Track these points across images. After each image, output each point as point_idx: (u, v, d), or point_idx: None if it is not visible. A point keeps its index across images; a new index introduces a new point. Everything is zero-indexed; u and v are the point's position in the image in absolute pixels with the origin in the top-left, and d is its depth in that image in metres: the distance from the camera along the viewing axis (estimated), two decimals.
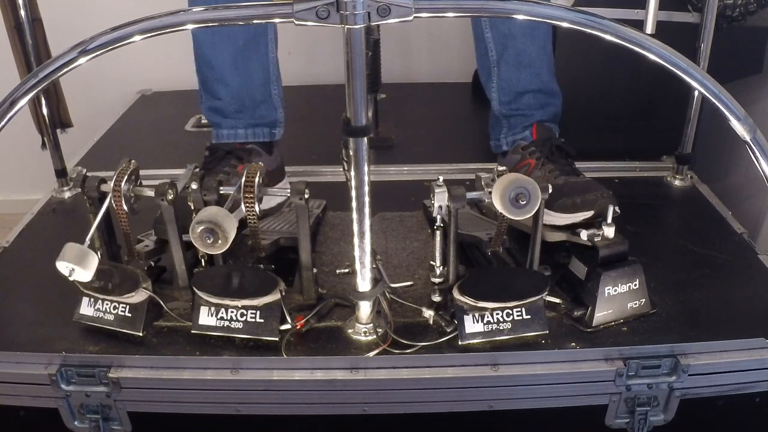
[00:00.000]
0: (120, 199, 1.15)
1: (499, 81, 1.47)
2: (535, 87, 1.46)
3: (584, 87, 1.70)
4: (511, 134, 1.49)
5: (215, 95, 1.45)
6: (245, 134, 1.45)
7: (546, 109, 1.48)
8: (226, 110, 1.45)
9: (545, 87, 1.47)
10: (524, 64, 1.44)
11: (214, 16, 0.92)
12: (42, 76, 0.92)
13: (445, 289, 1.16)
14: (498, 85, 1.47)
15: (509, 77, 1.45)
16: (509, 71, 1.45)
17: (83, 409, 1.11)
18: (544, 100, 1.47)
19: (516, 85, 1.46)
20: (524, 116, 1.47)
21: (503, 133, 1.50)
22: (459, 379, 1.07)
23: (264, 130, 1.47)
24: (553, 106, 1.49)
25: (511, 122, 1.48)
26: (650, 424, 1.12)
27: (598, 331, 1.14)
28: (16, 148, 1.90)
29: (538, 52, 1.44)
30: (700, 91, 0.94)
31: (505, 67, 1.45)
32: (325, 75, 2.16)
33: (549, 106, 1.48)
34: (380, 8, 0.87)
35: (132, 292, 1.14)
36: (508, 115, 1.48)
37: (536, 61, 1.44)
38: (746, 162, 1.02)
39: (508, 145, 1.49)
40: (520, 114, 1.47)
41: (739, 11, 1.63)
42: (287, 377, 1.07)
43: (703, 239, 1.39)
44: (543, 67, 1.46)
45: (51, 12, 1.56)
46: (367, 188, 1.02)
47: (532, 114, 1.46)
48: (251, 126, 1.46)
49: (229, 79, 1.43)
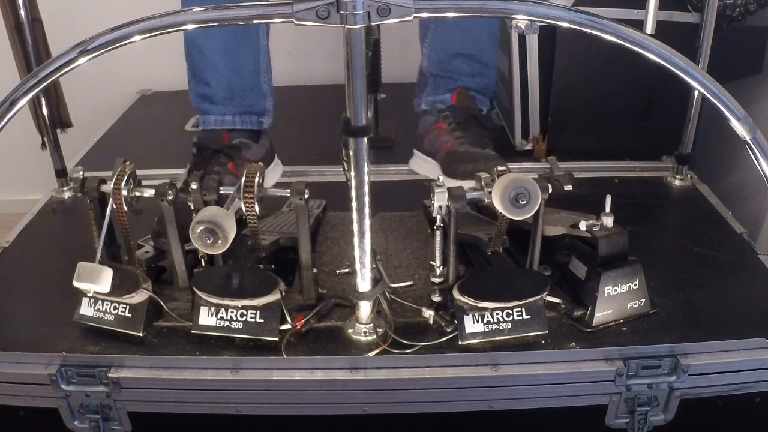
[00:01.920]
0: (120, 201, 1.15)
1: (432, 38, 1.43)
2: (468, 51, 1.41)
3: (584, 87, 1.70)
4: (432, 94, 1.45)
5: (204, 81, 1.44)
6: (233, 121, 1.44)
7: (476, 78, 1.43)
8: (214, 96, 1.44)
9: (480, 55, 1.42)
10: (462, 26, 1.39)
11: (214, 16, 0.92)
12: (42, 76, 0.92)
13: (445, 289, 1.16)
14: (431, 42, 1.43)
15: (444, 36, 1.41)
16: (445, 30, 1.41)
17: (83, 409, 1.11)
18: (477, 69, 1.43)
19: (449, 46, 1.41)
20: (451, 79, 1.43)
21: (426, 92, 1.46)
22: (459, 379, 1.07)
23: (252, 118, 1.46)
24: (485, 78, 1.45)
25: (437, 82, 1.44)
26: (650, 424, 1.12)
27: (598, 331, 1.14)
28: (16, 148, 1.90)
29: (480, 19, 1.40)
30: (700, 91, 0.94)
31: (443, 25, 1.41)
32: (325, 75, 2.16)
33: (480, 76, 1.44)
34: (380, 8, 0.87)
35: (132, 293, 1.14)
36: (435, 74, 1.44)
37: (476, 27, 1.40)
38: (746, 162, 1.02)
39: (427, 104, 1.45)
40: (447, 76, 1.43)
41: (739, 11, 1.63)
42: (287, 377, 1.07)
43: (703, 239, 1.39)
44: (482, 35, 1.42)
45: (51, 12, 1.56)
46: (367, 188, 1.02)
47: (460, 79, 1.42)
48: (239, 113, 1.45)
49: (219, 66, 1.42)
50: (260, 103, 1.47)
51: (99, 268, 1.11)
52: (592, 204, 1.21)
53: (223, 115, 1.44)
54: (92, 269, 1.11)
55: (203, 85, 1.45)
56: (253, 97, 1.46)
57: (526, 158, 1.76)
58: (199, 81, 1.45)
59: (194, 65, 1.45)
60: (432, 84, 1.45)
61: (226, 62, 1.42)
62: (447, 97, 1.42)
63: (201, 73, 1.44)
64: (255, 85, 1.46)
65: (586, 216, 1.19)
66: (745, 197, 1.78)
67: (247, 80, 1.45)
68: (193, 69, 1.45)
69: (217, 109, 1.44)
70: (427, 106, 1.45)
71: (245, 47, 1.43)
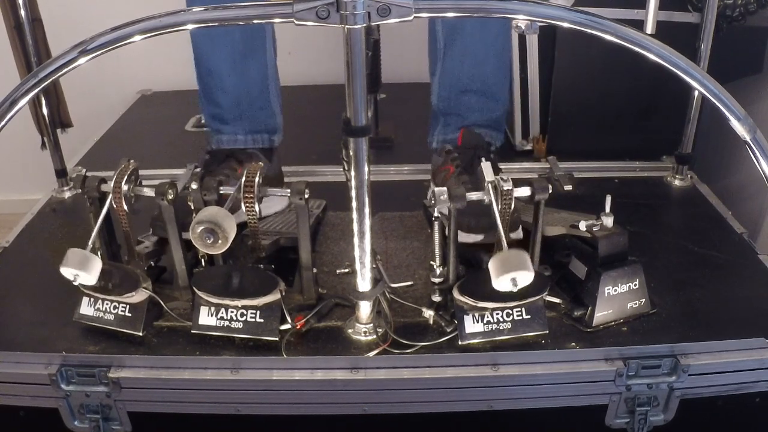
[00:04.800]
0: (120, 200, 1.15)
1: (441, 74, 1.43)
2: (476, 87, 1.41)
3: (584, 87, 1.70)
4: (443, 133, 1.45)
5: (215, 102, 1.45)
6: (245, 140, 1.46)
7: (484, 113, 1.43)
8: (226, 117, 1.45)
9: (488, 90, 1.42)
10: (469, 61, 1.39)
11: (214, 16, 0.92)
12: (42, 76, 0.92)
13: (445, 289, 1.16)
14: (440, 79, 1.43)
15: (452, 73, 1.41)
16: (453, 66, 1.40)
17: (83, 409, 1.11)
18: (485, 104, 1.42)
19: (457, 83, 1.41)
20: (460, 116, 1.43)
21: (437, 130, 1.47)
22: (459, 379, 1.07)
23: (263, 136, 1.47)
24: (494, 112, 1.44)
25: (447, 120, 1.45)
26: (650, 424, 1.12)
27: (598, 331, 1.14)
28: (16, 148, 1.90)
29: (487, 52, 1.39)
30: (700, 91, 0.94)
31: (450, 61, 1.40)
32: (325, 75, 2.16)
33: (489, 111, 1.43)
34: (380, 8, 0.87)
35: (132, 292, 1.14)
36: (445, 113, 1.44)
37: (483, 62, 1.39)
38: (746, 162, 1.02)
39: (438, 143, 1.46)
40: (456, 113, 1.43)
41: (739, 11, 1.63)
42: (287, 377, 1.07)
43: (703, 239, 1.39)
44: (492, 68, 1.41)
45: (51, 12, 1.56)
46: (367, 188, 1.02)
47: (469, 116, 1.42)
48: (251, 132, 1.46)
49: (228, 87, 1.43)
50: (270, 122, 1.48)
51: (89, 256, 1.08)
52: (592, 204, 1.21)
53: (235, 135, 1.45)
54: (82, 256, 1.08)
55: (214, 107, 1.46)
56: (263, 116, 1.47)
57: (526, 158, 1.76)
58: (210, 102, 1.46)
59: (205, 87, 1.46)
60: (442, 122, 1.46)
61: (234, 83, 1.43)
62: (456, 136, 1.42)
63: (212, 95, 1.45)
64: (264, 105, 1.47)
65: (586, 216, 1.19)
66: (745, 197, 1.79)
67: (256, 100, 1.46)
68: (203, 90, 1.47)
69: (228, 129, 1.45)
70: (438, 144, 1.46)
71: (253, 66, 1.43)
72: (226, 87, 1.44)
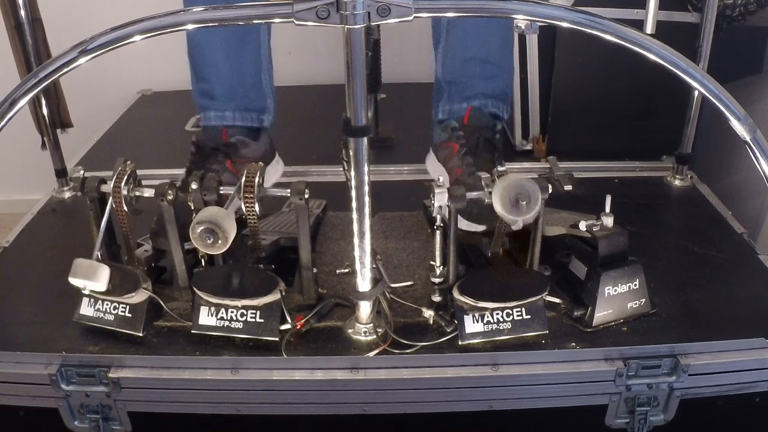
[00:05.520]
0: (120, 202, 1.15)
1: (446, 45, 1.42)
2: (482, 55, 1.41)
3: (584, 87, 1.70)
4: (449, 103, 1.44)
5: (205, 78, 1.44)
6: (233, 117, 1.44)
7: (491, 82, 1.42)
8: (214, 93, 1.44)
9: (493, 57, 1.42)
10: (473, 32, 1.39)
11: (214, 16, 0.92)
12: (42, 76, 0.92)
13: (445, 289, 1.16)
14: (444, 49, 1.43)
15: (456, 43, 1.41)
16: (457, 37, 1.40)
17: (83, 409, 1.11)
18: (491, 72, 1.42)
19: (462, 51, 1.41)
20: (465, 85, 1.42)
21: (442, 101, 1.46)
22: (459, 379, 1.07)
23: (252, 115, 1.46)
24: (500, 80, 1.44)
25: (452, 89, 1.44)
26: (650, 424, 1.12)
27: (598, 331, 1.14)
28: (16, 148, 1.90)
29: (490, 28, 1.40)
30: (700, 91, 0.94)
31: (455, 33, 1.40)
32: (325, 75, 2.16)
33: (495, 79, 1.43)
34: (380, 8, 0.87)
35: (132, 293, 1.14)
36: (449, 81, 1.44)
37: (485, 31, 1.40)
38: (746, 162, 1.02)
39: (444, 114, 1.44)
40: (462, 82, 1.42)
41: (739, 11, 1.63)
42: (287, 377, 1.07)
43: (703, 239, 1.39)
44: (495, 38, 1.41)
45: (51, 12, 1.56)
46: (367, 188, 1.02)
47: (475, 84, 1.41)
48: (239, 110, 1.45)
49: (220, 63, 1.42)
50: (261, 101, 1.47)
51: (96, 265, 1.10)
52: (592, 204, 1.21)
53: (223, 111, 1.44)
54: (89, 266, 1.10)
55: (204, 82, 1.45)
56: (254, 95, 1.46)
57: (526, 158, 1.76)
58: (200, 78, 1.45)
59: (195, 62, 1.45)
60: (447, 91, 1.45)
61: (227, 60, 1.42)
62: (463, 107, 1.41)
63: (202, 70, 1.44)
64: (256, 83, 1.46)
65: (586, 216, 1.19)
66: (745, 197, 1.78)
67: (247, 78, 1.45)
68: (194, 66, 1.45)
69: (217, 105, 1.44)
70: (444, 115, 1.45)
71: (247, 45, 1.43)
72: (217, 63, 1.42)
